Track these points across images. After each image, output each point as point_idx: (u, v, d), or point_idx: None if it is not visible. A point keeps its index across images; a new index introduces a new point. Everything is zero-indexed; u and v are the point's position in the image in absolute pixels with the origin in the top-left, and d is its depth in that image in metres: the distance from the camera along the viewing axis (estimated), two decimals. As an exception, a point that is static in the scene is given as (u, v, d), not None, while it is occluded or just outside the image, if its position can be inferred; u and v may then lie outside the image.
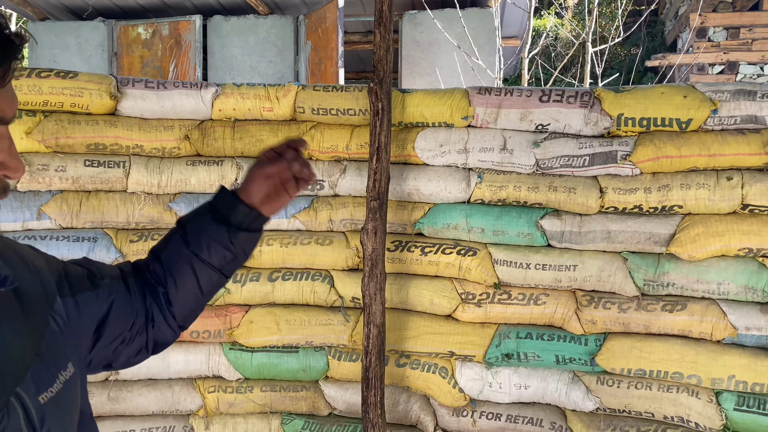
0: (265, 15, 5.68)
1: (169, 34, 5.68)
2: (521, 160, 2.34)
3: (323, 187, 2.56)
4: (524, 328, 2.40)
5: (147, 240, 2.49)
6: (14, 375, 0.70)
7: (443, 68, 5.14)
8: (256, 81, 5.62)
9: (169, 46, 5.67)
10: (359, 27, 6.30)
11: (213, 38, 5.74)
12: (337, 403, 2.55)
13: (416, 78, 5.29)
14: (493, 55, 5.10)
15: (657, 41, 10.18)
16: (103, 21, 5.85)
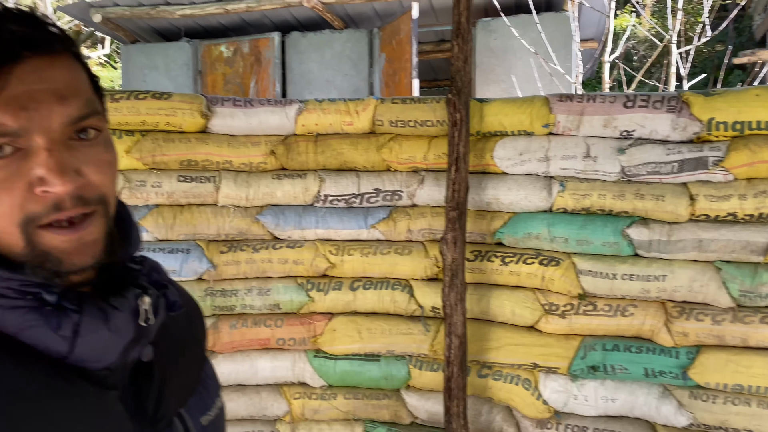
0: (341, 29, 5.82)
1: (249, 51, 5.92)
2: (606, 168, 2.30)
3: (401, 198, 2.60)
4: (611, 340, 2.33)
5: (236, 251, 2.61)
6: (182, 397, 0.74)
7: (518, 75, 5.09)
8: (332, 94, 5.76)
9: (249, 63, 5.90)
10: (431, 37, 6.34)
11: (291, 54, 5.93)
12: (419, 412, 2.57)
13: (490, 85, 5.26)
14: (570, 59, 5.00)
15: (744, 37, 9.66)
16: (188, 41, 6.16)
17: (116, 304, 0.64)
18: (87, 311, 0.62)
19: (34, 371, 0.60)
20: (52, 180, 0.58)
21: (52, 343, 0.60)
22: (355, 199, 2.61)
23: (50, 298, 0.60)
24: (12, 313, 0.60)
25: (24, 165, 0.58)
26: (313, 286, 2.61)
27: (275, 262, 2.61)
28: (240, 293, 2.63)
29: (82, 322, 0.61)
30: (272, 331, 2.63)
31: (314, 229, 2.61)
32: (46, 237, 0.59)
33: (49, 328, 0.60)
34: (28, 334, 0.60)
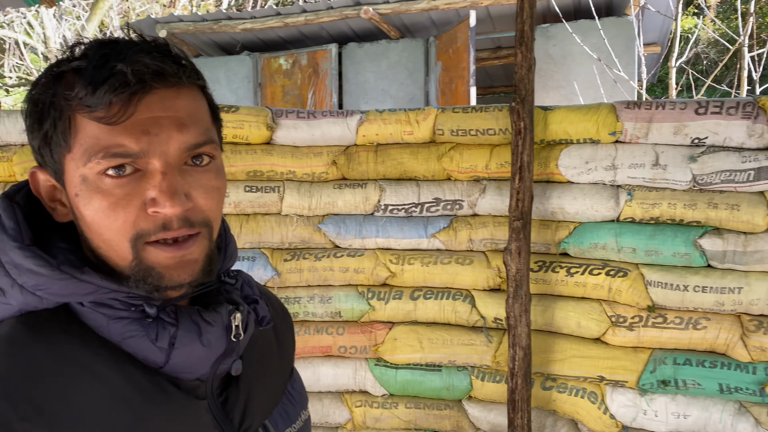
0: (397, 39, 5.86)
1: (307, 63, 6.03)
2: (676, 176, 2.23)
3: (462, 207, 2.59)
4: (682, 354, 2.25)
5: (299, 259, 2.65)
6: (267, 408, 0.78)
7: (578, 81, 5.00)
8: (388, 104, 5.80)
9: (307, 74, 6.01)
10: (488, 44, 6.30)
11: (347, 65, 6.00)
12: (481, 424, 2.54)
13: (549, 92, 5.18)
14: (632, 64, 4.88)
15: (820, 37, 9.19)
16: (249, 54, 6.33)
17: (210, 319, 0.69)
18: (182, 325, 0.67)
19: (133, 377, 0.65)
20: (164, 202, 0.62)
21: (150, 353, 0.65)
22: (415, 209, 2.62)
23: (151, 311, 0.65)
24: (117, 323, 0.65)
25: (140, 185, 0.63)
26: (374, 295, 2.63)
27: (336, 271, 2.65)
28: (303, 300, 2.67)
29: (178, 335, 0.66)
30: (334, 339, 2.65)
31: (374, 238, 2.63)
32: (152, 253, 0.64)
33: (148, 339, 0.65)
34: (129, 343, 0.65)
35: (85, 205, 0.63)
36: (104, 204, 0.62)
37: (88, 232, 0.65)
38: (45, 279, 0.63)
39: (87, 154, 0.61)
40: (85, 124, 0.62)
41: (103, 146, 0.61)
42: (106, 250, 0.65)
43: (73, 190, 0.63)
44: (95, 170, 0.61)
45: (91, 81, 0.60)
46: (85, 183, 0.62)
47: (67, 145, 0.63)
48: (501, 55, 6.26)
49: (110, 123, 0.61)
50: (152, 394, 0.65)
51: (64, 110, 0.62)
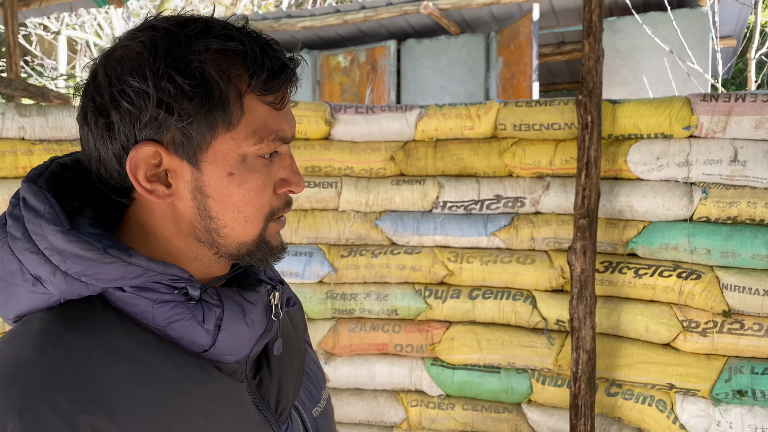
0: (456, 35, 5.78)
1: (365, 60, 6.03)
2: (757, 173, 2.08)
3: (524, 205, 2.51)
4: (761, 363, 2.11)
5: (356, 255, 2.64)
6: (294, 389, 0.78)
7: (647, 75, 4.80)
8: (446, 100, 5.73)
9: (365, 72, 6.01)
10: (551, 39, 6.13)
11: (406, 61, 5.97)
12: (542, 429, 2.46)
13: (615, 87, 4.99)
14: (706, 58, 4.63)
15: None
16: (308, 52, 6.39)
17: (252, 299, 0.70)
18: (227, 306, 0.67)
19: (179, 363, 0.64)
20: (298, 182, 0.70)
21: (196, 336, 0.65)
22: (474, 206, 2.56)
23: (194, 293, 0.65)
24: (162, 307, 0.64)
25: (274, 167, 0.69)
26: (431, 293, 2.58)
27: (393, 268, 2.61)
28: (359, 297, 2.65)
29: (224, 316, 0.66)
30: (390, 337, 2.62)
31: (432, 235, 2.58)
32: (271, 227, 0.70)
33: (195, 321, 0.64)
34: (175, 327, 0.64)
35: (240, 183, 0.65)
36: (259, 183, 0.66)
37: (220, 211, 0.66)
38: (93, 264, 0.61)
39: (257, 135, 0.64)
40: (255, 105, 0.65)
41: (272, 129, 0.65)
42: (233, 228, 0.66)
43: (226, 169, 0.64)
44: (261, 151, 0.65)
45: (269, 68, 0.64)
46: (244, 162, 0.65)
47: (229, 123, 0.63)
48: (564, 51, 6.07)
49: (276, 108, 0.66)
50: (199, 378, 0.65)
51: (232, 89, 0.63)
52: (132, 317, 0.64)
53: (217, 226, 0.66)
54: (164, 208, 0.66)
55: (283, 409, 0.73)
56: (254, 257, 0.69)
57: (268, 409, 0.71)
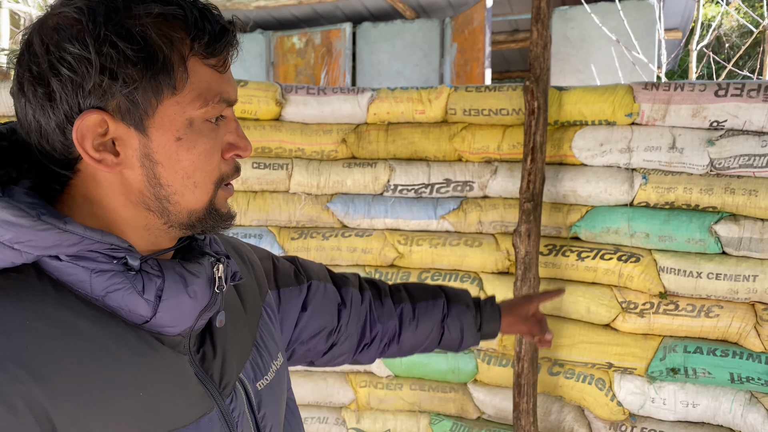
0: (412, 19, 5.78)
1: (321, 42, 5.97)
2: (693, 160, 2.17)
3: (473, 189, 2.54)
4: (693, 342, 2.21)
5: (307, 238, 2.63)
6: (239, 363, 0.77)
7: (596, 64, 4.91)
8: (401, 84, 5.73)
9: (320, 54, 5.95)
10: (505, 26, 6.20)
11: (361, 45, 5.94)
12: (486, 408, 2.52)
13: (566, 76, 5.09)
14: (652, 49, 4.77)
15: None
16: (262, 33, 6.28)
17: (194, 270, 0.69)
18: (168, 276, 0.66)
19: (118, 333, 0.63)
20: (245, 146, 0.70)
21: (136, 306, 0.64)
22: (425, 189, 2.58)
23: (134, 263, 0.64)
24: (100, 277, 0.63)
25: (220, 131, 0.68)
26: (382, 276, 2.60)
27: (344, 251, 2.62)
28: (309, 280, 2.64)
29: (165, 286, 0.65)
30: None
31: (383, 218, 2.60)
32: (220, 194, 0.70)
33: (135, 291, 0.63)
34: (113, 297, 0.63)
35: (188, 148, 0.64)
36: (207, 147, 0.66)
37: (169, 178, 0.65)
38: (25, 230, 0.59)
39: (202, 98, 0.64)
40: (198, 68, 0.64)
41: (216, 92, 0.65)
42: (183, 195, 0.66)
43: (174, 134, 0.64)
44: (207, 115, 0.65)
45: (209, 32, 0.64)
46: (192, 126, 0.65)
47: (173, 88, 0.63)
48: (518, 38, 6.15)
49: (219, 71, 0.66)
50: (139, 349, 0.64)
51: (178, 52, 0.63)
52: (68, 287, 0.62)
53: (167, 193, 0.66)
54: (111, 178, 0.64)
55: (227, 382, 0.73)
56: (205, 225, 0.69)
57: (211, 382, 0.71)
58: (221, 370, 0.73)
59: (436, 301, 1.16)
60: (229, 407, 0.72)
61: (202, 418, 0.68)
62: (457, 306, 1.18)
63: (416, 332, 1.14)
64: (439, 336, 1.17)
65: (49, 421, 0.56)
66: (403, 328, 1.13)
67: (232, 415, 0.72)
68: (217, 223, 0.70)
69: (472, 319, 1.18)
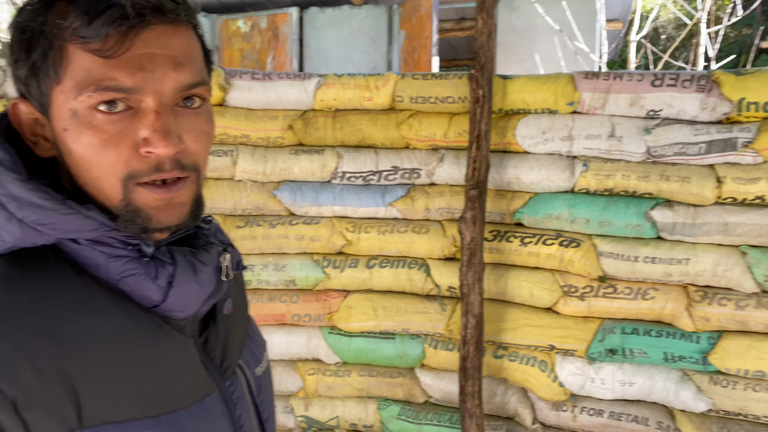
0: (360, 5, 5.74)
1: (267, 27, 5.86)
2: (631, 148, 2.24)
3: (420, 176, 2.56)
4: (630, 324, 2.30)
5: (253, 226, 2.60)
6: (239, 349, 0.80)
7: (541, 54, 5.00)
8: (349, 71, 5.69)
9: (267, 38, 5.85)
10: (452, 14, 6.23)
11: (308, 30, 5.86)
12: (433, 392, 2.56)
13: (512, 65, 5.17)
14: (593, 39, 4.89)
15: (773, 20, 9.42)
16: (206, 16, 6.12)
17: (203, 259, 0.70)
18: (180, 264, 0.68)
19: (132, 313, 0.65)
20: (157, 142, 0.61)
21: (148, 291, 0.66)
22: (373, 177, 2.58)
23: (148, 249, 0.66)
24: (116, 261, 0.65)
25: (133, 124, 0.62)
26: (329, 263, 2.60)
27: (291, 238, 2.60)
28: (256, 268, 2.62)
29: (176, 273, 0.67)
30: (287, 307, 2.62)
31: (331, 206, 2.59)
32: (142, 194, 0.63)
33: (148, 277, 0.65)
34: (127, 281, 0.65)
35: (74, 140, 0.61)
36: (95, 140, 0.61)
37: (75, 168, 0.63)
38: (50, 213, 0.61)
39: (78, 87, 0.60)
40: (78, 55, 0.60)
41: (95, 79, 0.59)
42: (93, 188, 0.64)
43: (61, 124, 0.62)
44: (86, 104, 0.60)
45: (87, 11, 0.58)
46: (75, 117, 0.61)
47: (57, 77, 0.60)
48: (465, 27, 6.20)
49: (105, 56, 0.59)
50: (151, 328, 0.66)
51: (55, 39, 0.60)
52: (85, 269, 0.64)
53: (81, 183, 0.65)
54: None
55: (228, 366, 0.75)
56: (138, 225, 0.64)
57: (213, 366, 0.73)
58: (222, 354, 0.75)
59: None
60: (229, 389, 0.74)
61: (205, 399, 0.70)
62: None
63: None
64: None
65: (74, 392, 0.59)
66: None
67: (232, 397, 0.74)
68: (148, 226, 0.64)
69: None
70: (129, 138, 0.61)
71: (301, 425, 2.68)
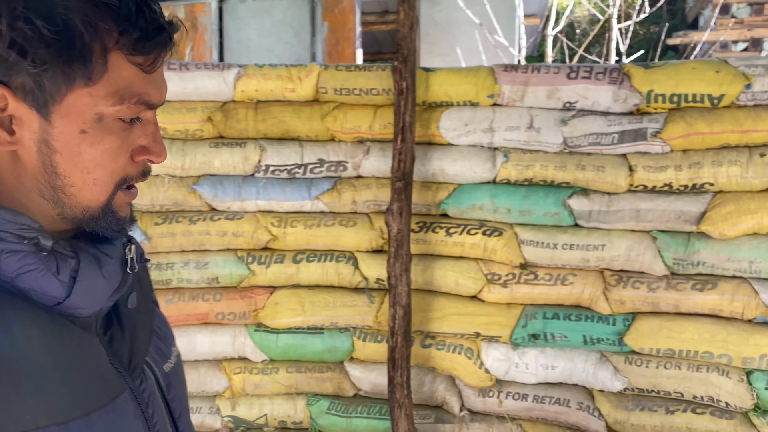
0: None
1: (185, 17, 5.66)
2: (548, 139, 2.31)
3: (346, 169, 2.54)
4: (551, 309, 2.38)
5: (172, 222, 2.50)
6: (146, 344, 0.77)
7: (462, 48, 5.08)
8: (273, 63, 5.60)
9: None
10: (375, 7, 6.23)
11: (229, 21, 5.71)
12: (363, 384, 2.56)
13: (435, 58, 5.23)
14: (513, 34, 5.02)
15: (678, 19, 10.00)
16: (119, 5, 5.84)
17: (108, 251, 0.68)
18: (83, 257, 0.65)
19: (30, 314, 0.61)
20: (159, 151, 0.67)
21: (49, 287, 0.62)
22: (298, 170, 2.54)
23: (47, 243, 0.63)
24: (12, 257, 0.61)
25: (133, 132, 0.65)
26: (254, 259, 2.54)
27: (213, 235, 2.52)
28: (176, 266, 2.53)
29: (80, 267, 0.64)
30: (211, 306, 2.54)
31: (255, 200, 2.53)
32: (120, 196, 0.66)
33: (49, 272, 0.62)
34: (25, 278, 0.61)
35: (92, 143, 0.62)
36: (114, 146, 0.63)
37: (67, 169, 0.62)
38: None
39: (118, 95, 0.61)
40: (121, 63, 0.61)
41: (136, 92, 0.62)
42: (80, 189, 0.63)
43: (78, 126, 0.61)
44: (121, 114, 0.62)
45: (144, 29, 0.61)
46: (101, 122, 0.62)
47: (89, 79, 0.60)
48: (388, 20, 6.22)
49: (145, 71, 0.63)
50: (53, 331, 0.62)
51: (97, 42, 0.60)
52: None
53: (64, 184, 0.63)
54: (5, 157, 0.62)
55: (136, 364, 0.72)
56: (99, 225, 0.66)
57: (121, 364, 0.70)
58: (130, 351, 0.72)
59: None
60: (139, 388, 0.72)
61: (117, 399, 0.67)
62: None
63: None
64: None
65: None
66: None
67: (143, 396, 0.72)
68: (111, 225, 0.67)
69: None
70: (129, 145, 0.65)
71: (228, 425, 2.61)
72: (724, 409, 2.22)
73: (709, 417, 2.22)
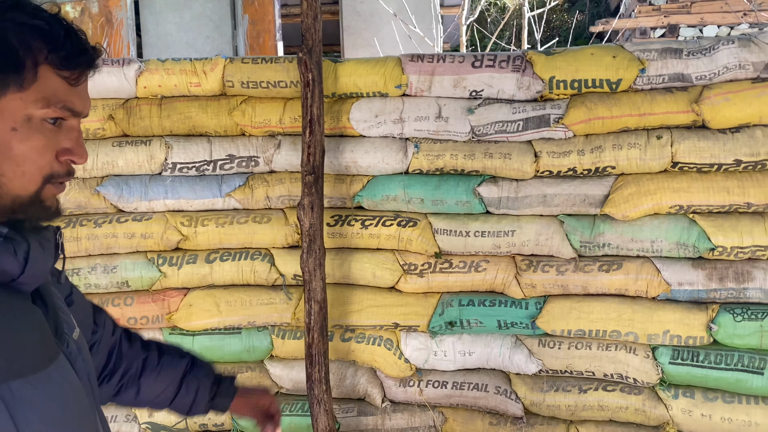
0: (200, -11, 5.48)
1: (99, 11, 5.43)
2: (456, 128, 2.32)
3: (258, 164, 2.49)
4: (466, 296, 2.40)
5: (75, 226, 2.40)
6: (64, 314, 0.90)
7: (385, 39, 5.07)
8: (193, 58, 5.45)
9: (99, 24, 5.42)
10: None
11: (146, 15, 5.52)
12: (284, 382, 2.52)
13: (359, 49, 5.21)
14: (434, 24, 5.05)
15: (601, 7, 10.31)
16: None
17: (47, 237, 0.82)
18: (32, 240, 0.77)
19: None
20: (81, 154, 0.82)
21: (9, 266, 0.74)
22: (207, 167, 2.47)
23: (4, 230, 0.75)
24: None
25: (59, 135, 0.79)
26: (165, 261, 2.46)
27: (121, 237, 2.43)
28: (82, 272, 2.43)
29: (30, 249, 0.76)
30: (122, 311, 2.46)
31: (163, 199, 2.45)
32: (50, 189, 0.79)
33: (9, 253, 0.74)
34: None
35: (21, 140, 0.74)
36: (41, 144, 0.76)
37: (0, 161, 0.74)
38: None
39: (45, 101, 0.75)
40: (49, 75, 0.76)
41: (61, 99, 0.77)
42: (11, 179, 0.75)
43: (9, 124, 0.74)
44: (47, 115, 0.76)
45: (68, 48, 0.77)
46: (29, 122, 0.75)
47: (20, 86, 0.74)
48: (313, 12, 6.14)
49: (71, 84, 0.78)
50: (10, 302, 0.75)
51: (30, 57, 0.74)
52: None
53: None
54: None
55: (61, 332, 0.84)
56: (28, 213, 0.78)
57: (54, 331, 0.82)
58: (56, 321, 0.84)
59: (182, 359, 1.23)
60: (68, 350, 0.84)
61: (57, 359, 0.79)
62: (199, 370, 1.25)
63: (156, 380, 1.19)
64: (174, 393, 1.22)
65: None
66: (145, 373, 1.18)
67: (71, 357, 0.84)
68: (40, 214, 0.80)
69: (208, 386, 1.24)
70: (55, 145, 0.78)
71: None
72: (632, 385, 2.30)
73: (619, 393, 2.29)
